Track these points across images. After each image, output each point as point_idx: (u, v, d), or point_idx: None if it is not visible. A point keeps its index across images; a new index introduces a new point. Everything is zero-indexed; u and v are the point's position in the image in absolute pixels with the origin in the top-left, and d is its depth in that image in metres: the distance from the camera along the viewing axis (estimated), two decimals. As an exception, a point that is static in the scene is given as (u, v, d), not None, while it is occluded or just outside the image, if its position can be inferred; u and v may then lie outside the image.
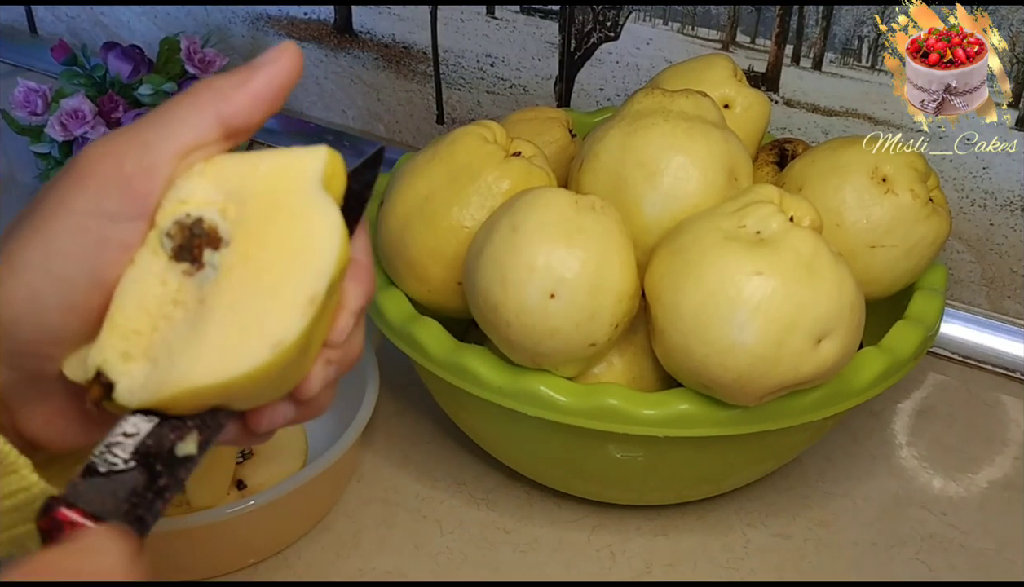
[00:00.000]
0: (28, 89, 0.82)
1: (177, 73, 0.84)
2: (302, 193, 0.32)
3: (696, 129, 0.52)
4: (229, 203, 0.32)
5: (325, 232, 0.32)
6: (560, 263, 0.47)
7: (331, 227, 0.32)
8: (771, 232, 0.47)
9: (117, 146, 0.31)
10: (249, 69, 0.33)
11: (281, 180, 0.33)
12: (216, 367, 0.31)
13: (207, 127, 0.32)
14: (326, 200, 0.32)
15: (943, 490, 0.61)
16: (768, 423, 0.50)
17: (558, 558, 0.57)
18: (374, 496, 0.60)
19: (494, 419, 0.55)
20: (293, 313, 0.31)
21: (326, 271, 0.31)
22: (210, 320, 0.31)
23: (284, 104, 0.34)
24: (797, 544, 0.58)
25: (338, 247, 0.32)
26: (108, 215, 0.31)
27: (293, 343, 0.31)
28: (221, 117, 0.32)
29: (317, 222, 0.32)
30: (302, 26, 0.90)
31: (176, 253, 0.32)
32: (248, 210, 0.32)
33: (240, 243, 0.32)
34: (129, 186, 0.31)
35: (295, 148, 0.33)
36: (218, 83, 0.32)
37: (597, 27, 0.76)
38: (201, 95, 0.32)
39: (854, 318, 0.48)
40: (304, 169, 0.33)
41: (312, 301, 0.31)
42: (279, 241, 0.32)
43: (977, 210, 0.68)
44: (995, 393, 0.68)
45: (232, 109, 0.32)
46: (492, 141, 0.54)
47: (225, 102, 0.32)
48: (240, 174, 0.33)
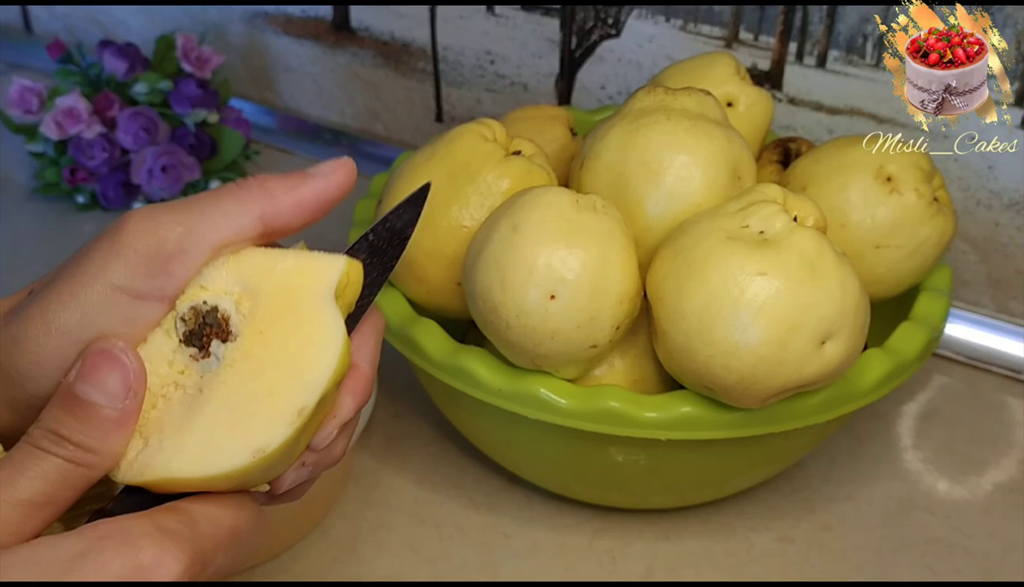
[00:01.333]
0: (23, 87, 0.82)
1: (173, 71, 0.84)
2: (313, 300, 0.33)
3: (699, 128, 0.51)
4: (244, 296, 0.33)
5: (325, 346, 0.32)
6: (561, 263, 0.47)
7: (332, 341, 0.32)
8: (775, 232, 0.47)
9: (161, 224, 0.32)
10: (304, 176, 0.34)
11: (296, 282, 0.33)
12: (197, 462, 0.32)
13: (249, 224, 0.33)
14: (334, 312, 0.33)
15: (948, 493, 0.61)
16: (771, 426, 0.50)
17: (558, 563, 0.56)
18: (372, 500, 0.59)
19: (494, 422, 0.54)
20: (280, 423, 0.31)
21: (319, 385, 0.32)
22: (202, 412, 0.32)
23: (326, 216, 0.34)
24: (800, 548, 0.57)
25: (335, 363, 0.32)
26: (139, 293, 0.32)
27: (275, 451, 0.31)
28: (264, 217, 0.33)
29: (320, 334, 0.32)
30: (299, 23, 0.89)
31: (186, 338, 0.33)
32: (260, 307, 0.33)
33: (246, 339, 0.33)
34: (165, 268, 0.32)
35: (316, 253, 0.34)
36: (270, 183, 0.33)
37: (598, 24, 0.76)
38: (251, 191, 0.33)
39: (858, 319, 0.47)
40: (320, 276, 0.33)
41: (300, 413, 0.31)
42: (282, 344, 0.32)
43: (982, 210, 0.67)
44: (1000, 395, 0.68)
45: (276, 212, 0.33)
46: (492, 140, 0.54)
47: (272, 203, 0.33)
48: (259, 269, 0.33)
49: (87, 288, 0.32)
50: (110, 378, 0.31)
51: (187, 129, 0.83)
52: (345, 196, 0.34)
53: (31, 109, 0.82)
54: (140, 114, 0.81)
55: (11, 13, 1.06)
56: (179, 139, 0.83)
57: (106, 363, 0.31)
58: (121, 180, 0.82)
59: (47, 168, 0.83)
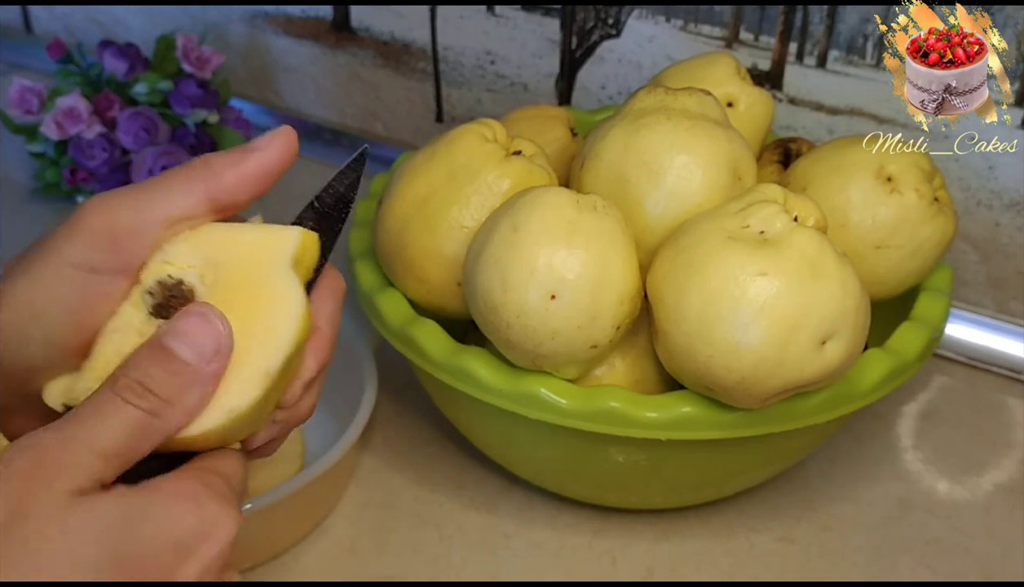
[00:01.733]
0: (23, 88, 0.82)
1: (173, 71, 0.84)
2: (272, 270, 0.35)
3: (699, 128, 0.51)
4: (207, 269, 0.35)
5: (286, 312, 0.34)
6: (561, 264, 0.47)
7: (292, 307, 0.34)
8: (775, 232, 0.47)
9: (112, 206, 0.34)
10: (244, 150, 0.36)
11: (255, 254, 0.35)
12: None
13: (195, 201, 0.35)
14: (292, 280, 0.35)
15: (948, 494, 0.61)
16: (772, 426, 0.50)
17: (559, 563, 0.56)
18: (372, 500, 0.59)
19: (494, 422, 0.54)
20: (248, 384, 0.34)
21: (282, 349, 0.34)
22: None
23: (273, 186, 0.36)
24: (801, 548, 0.57)
25: (296, 327, 0.34)
26: (93, 267, 0.34)
27: (246, 411, 0.34)
28: (210, 193, 0.35)
29: (280, 301, 0.34)
30: (300, 23, 0.89)
31: (155, 310, 0.35)
32: (222, 278, 0.35)
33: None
34: (116, 244, 0.34)
35: (274, 225, 0.36)
36: (213, 160, 0.35)
37: (599, 24, 0.76)
38: (195, 171, 0.35)
39: (859, 319, 0.47)
40: (277, 246, 0.35)
41: (267, 375, 0.34)
42: (244, 313, 0.34)
43: (983, 210, 0.67)
44: (1000, 396, 0.68)
45: (221, 187, 0.35)
46: (492, 140, 0.54)
47: (216, 180, 0.35)
48: (220, 243, 0.35)
49: (46, 267, 0.34)
50: (203, 338, 0.33)
51: (187, 129, 0.83)
52: (289, 166, 0.36)
53: (31, 109, 0.82)
54: (140, 114, 0.81)
55: (11, 13, 1.06)
56: (179, 139, 0.83)
57: (201, 324, 0.33)
58: (121, 180, 0.82)
59: (47, 168, 0.83)
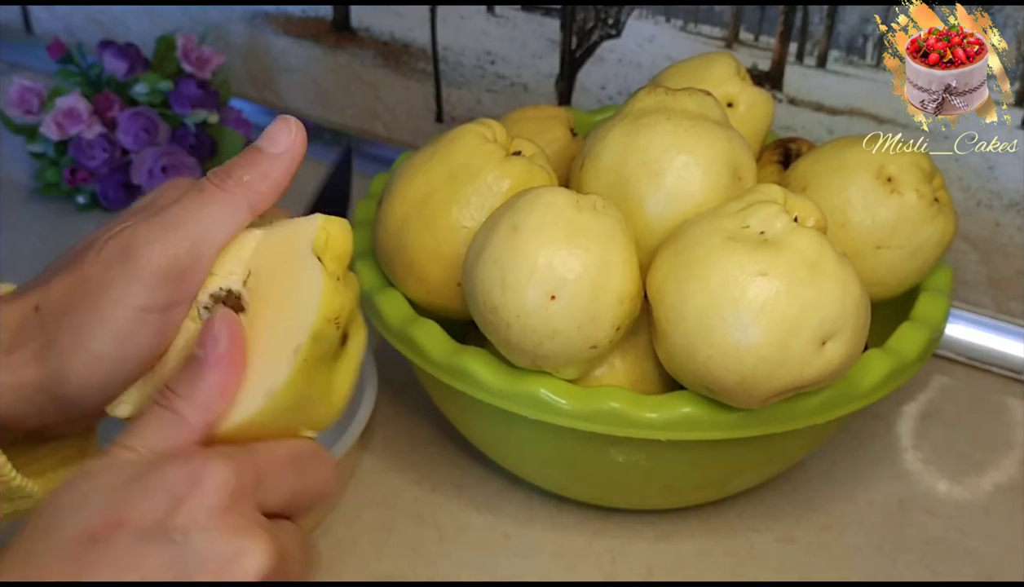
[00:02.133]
0: (23, 88, 0.82)
1: (173, 72, 0.84)
2: (296, 258, 0.37)
3: (699, 128, 0.51)
4: (249, 274, 0.38)
5: (307, 291, 0.36)
6: (561, 264, 0.47)
7: (312, 286, 0.36)
8: (775, 232, 0.47)
9: (169, 242, 0.36)
10: (267, 159, 0.38)
11: (284, 249, 0.37)
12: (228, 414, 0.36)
13: (243, 219, 0.38)
14: (312, 262, 0.36)
15: (948, 494, 0.61)
16: (772, 426, 0.50)
17: (559, 563, 0.56)
18: (372, 500, 0.59)
19: (494, 422, 0.54)
20: (280, 363, 0.35)
21: (307, 324, 0.35)
22: None
23: None
24: (801, 549, 0.57)
25: (317, 303, 0.36)
26: (163, 307, 0.37)
27: (283, 389, 0.35)
28: (252, 208, 0.38)
29: (301, 282, 0.36)
30: (300, 23, 0.89)
31: None
32: (260, 278, 0.38)
33: (253, 307, 0.37)
34: (182, 279, 0.37)
35: (297, 219, 0.38)
36: (246, 179, 0.38)
37: (599, 24, 0.76)
38: (235, 193, 0.38)
39: (859, 320, 0.47)
40: (301, 236, 0.37)
41: (296, 351, 0.35)
42: (278, 303, 0.37)
43: (983, 210, 0.67)
44: (1001, 396, 0.68)
45: (260, 199, 0.38)
46: (492, 140, 0.54)
47: (255, 195, 0.38)
48: (256, 247, 0.38)
49: (115, 316, 0.36)
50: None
51: (187, 129, 0.83)
52: (304, 156, 0.39)
53: (31, 109, 0.82)
54: (140, 114, 0.81)
55: (11, 13, 1.06)
56: (179, 139, 0.83)
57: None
58: (121, 181, 0.82)
59: (47, 168, 0.83)
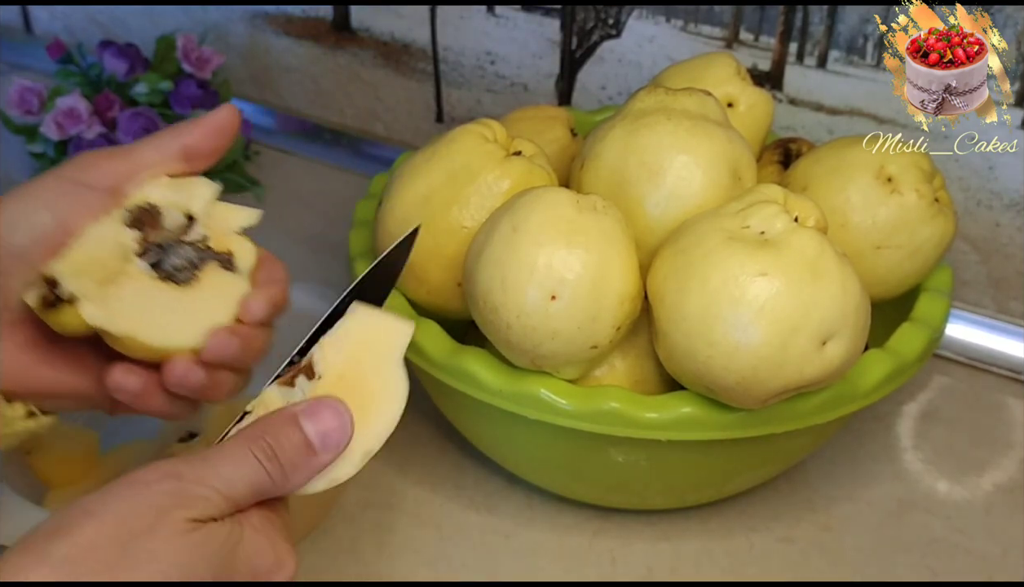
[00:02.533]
0: (23, 88, 0.82)
1: (173, 72, 0.84)
2: (386, 359, 0.40)
3: (699, 128, 0.51)
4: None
5: (393, 399, 0.39)
6: (561, 264, 0.47)
7: (398, 396, 0.39)
8: (775, 232, 0.47)
9: (102, 154, 0.43)
10: (201, 117, 0.44)
11: (373, 337, 0.40)
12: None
13: (171, 150, 0.43)
14: (402, 372, 0.39)
15: (948, 494, 0.61)
16: (772, 426, 0.50)
17: (559, 563, 0.56)
18: (372, 500, 0.59)
19: (494, 422, 0.54)
20: (351, 461, 0.39)
21: (385, 434, 0.39)
22: None
23: (229, 144, 0.44)
24: (801, 548, 0.57)
25: (398, 416, 0.39)
26: (86, 184, 0.41)
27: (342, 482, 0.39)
28: (183, 144, 0.43)
29: (390, 390, 0.39)
30: (300, 24, 0.89)
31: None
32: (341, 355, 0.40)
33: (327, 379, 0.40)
34: (108, 170, 0.42)
35: (390, 315, 0.41)
36: (178, 125, 0.43)
37: (599, 25, 0.76)
38: (165, 133, 0.43)
39: (859, 320, 0.47)
40: (393, 337, 0.40)
41: (367, 455, 0.39)
42: (359, 390, 0.39)
43: (983, 210, 0.67)
44: (1000, 396, 0.68)
45: (189, 141, 0.43)
46: (492, 140, 0.54)
47: (184, 136, 0.43)
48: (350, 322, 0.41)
49: (44, 182, 0.41)
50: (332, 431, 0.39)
51: (187, 129, 0.83)
52: (237, 126, 0.43)
53: (31, 110, 0.82)
54: (140, 114, 0.81)
55: (11, 13, 1.06)
56: (179, 139, 0.83)
57: (334, 417, 0.39)
58: (121, 180, 0.82)
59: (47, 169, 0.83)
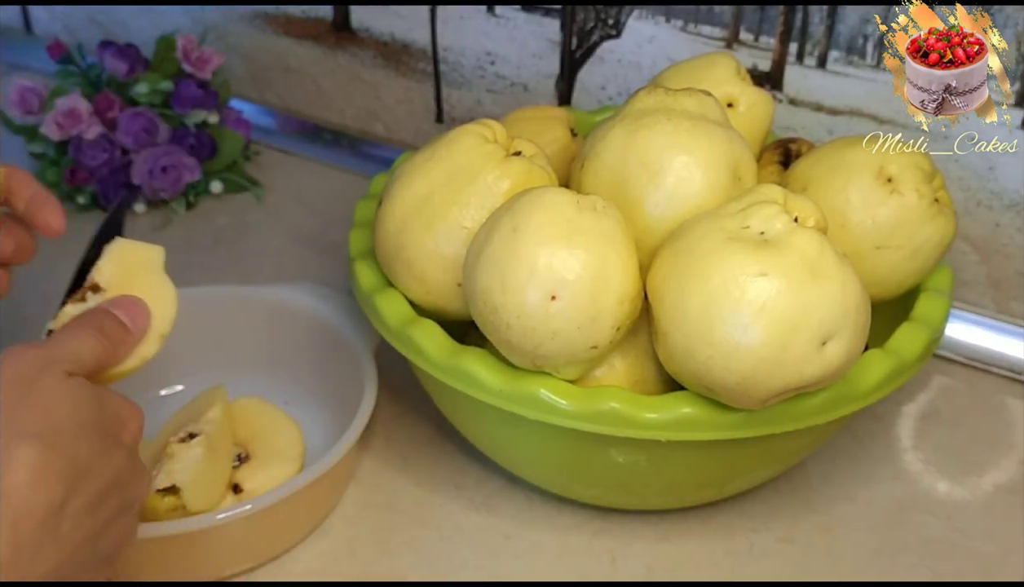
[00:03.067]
0: (24, 88, 0.82)
1: (173, 72, 0.84)
2: (153, 272, 0.50)
3: (699, 128, 0.51)
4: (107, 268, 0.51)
5: (170, 297, 0.50)
6: (561, 264, 0.47)
7: (173, 294, 0.50)
8: (775, 233, 0.47)
9: None
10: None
11: (136, 259, 0.51)
12: None
13: None
14: (169, 282, 0.50)
15: (948, 494, 0.61)
16: (772, 427, 0.50)
17: (558, 563, 0.56)
18: (372, 501, 0.59)
19: (494, 422, 0.54)
20: (153, 341, 0.49)
21: (171, 319, 0.50)
22: None
23: None
24: (801, 549, 0.57)
25: (176, 306, 0.50)
26: None
27: (150, 358, 0.49)
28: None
29: (166, 290, 0.50)
30: (300, 24, 0.89)
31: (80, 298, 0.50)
32: (120, 277, 0.50)
33: (111, 291, 0.49)
34: None
35: (140, 243, 0.51)
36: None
37: (599, 25, 0.76)
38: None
39: (859, 320, 0.47)
40: (152, 256, 0.51)
41: (162, 337, 0.49)
42: (139, 293, 0.49)
43: (983, 211, 0.67)
44: (1001, 396, 0.68)
45: None
46: (492, 140, 0.54)
47: None
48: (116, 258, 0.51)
49: None
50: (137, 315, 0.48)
51: (187, 130, 0.83)
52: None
53: (32, 110, 0.82)
54: (140, 115, 0.81)
55: (11, 13, 1.06)
56: (179, 140, 0.83)
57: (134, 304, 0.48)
58: (122, 181, 0.82)
59: (47, 169, 0.83)
